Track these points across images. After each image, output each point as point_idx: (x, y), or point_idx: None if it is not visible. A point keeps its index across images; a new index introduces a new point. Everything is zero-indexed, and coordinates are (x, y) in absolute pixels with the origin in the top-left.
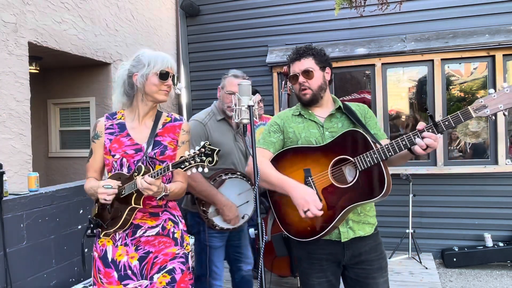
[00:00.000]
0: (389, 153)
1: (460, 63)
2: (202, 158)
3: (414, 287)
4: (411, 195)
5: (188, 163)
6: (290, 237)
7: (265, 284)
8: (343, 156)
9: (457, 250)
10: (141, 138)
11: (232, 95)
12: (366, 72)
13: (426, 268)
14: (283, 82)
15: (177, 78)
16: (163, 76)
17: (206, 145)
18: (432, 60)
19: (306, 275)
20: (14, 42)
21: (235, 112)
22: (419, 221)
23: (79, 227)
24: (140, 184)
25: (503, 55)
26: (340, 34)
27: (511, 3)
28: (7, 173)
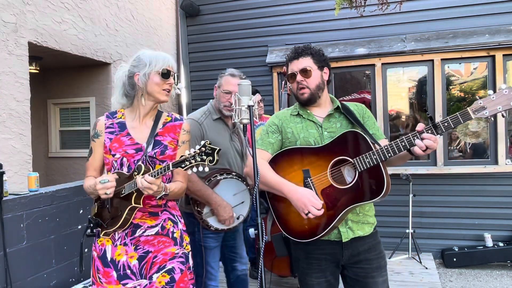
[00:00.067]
0: (389, 154)
1: (460, 63)
2: (203, 157)
3: (414, 287)
4: (411, 195)
5: (188, 162)
6: (289, 238)
7: (265, 284)
8: (342, 157)
9: (457, 250)
10: (141, 137)
11: (232, 95)
12: (366, 72)
13: (426, 268)
14: (283, 82)
15: (177, 77)
16: (165, 74)
17: (207, 144)
18: (432, 60)
19: (305, 275)
20: (14, 42)
21: (235, 112)
22: (419, 221)
23: (79, 227)
24: (140, 184)
25: (503, 55)
26: (340, 34)
27: (511, 3)
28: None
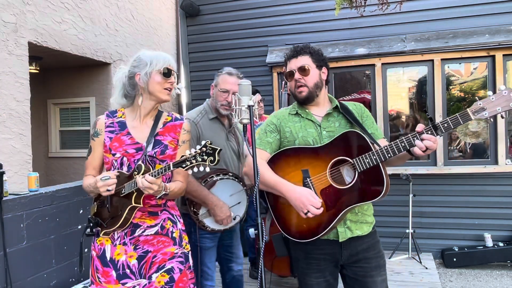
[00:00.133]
0: (388, 155)
1: (460, 63)
2: (204, 157)
3: (414, 287)
4: (411, 195)
5: (189, 162)
6: (288, 238)
7: (265, 284)
8: (341, 157)
9: (457, 250)
10: (141, 137)
11: (230, 94)
12: (366, 72)
13: (426, 268)
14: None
15: (177, 77)
16: (166, 73)
17: (208, 144)
18: (432, 60)
19: (304, 275)
20: (14, 42)
21: (235, 112)
22: (419, 221)
23: (79, 227)
24: (140, 183)
25: (503, 55)
26: (340, 34)
27: (511, 3)
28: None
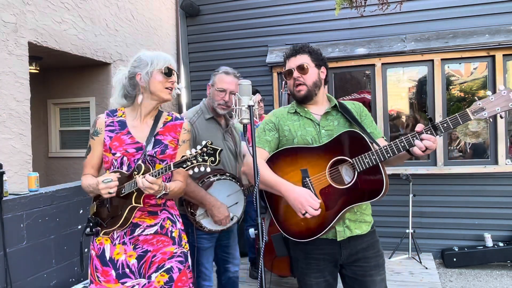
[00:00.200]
0: (388, 155)
1: (460, 63)
2: (204, 157)
3: (414, 287)
4: (411, 195)
5: (190, 163)
6: (288, 238)
7: (265, 284)
8: (341, 156)
9: (457, 250)
10: (142, 136)
11: (227, 93)
12: (366, 72)
13: (426, 268)
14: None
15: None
16: (167, 73)
17: (208, 145)
18: (432, 60)
19: (303, 276)
20: (14, 42)
21: (235, 112)
22: (419, 221)
23: (79, 227)
24: (141, 183)
25: (503, 55)
26: (340, 34)
27: (511, 3)
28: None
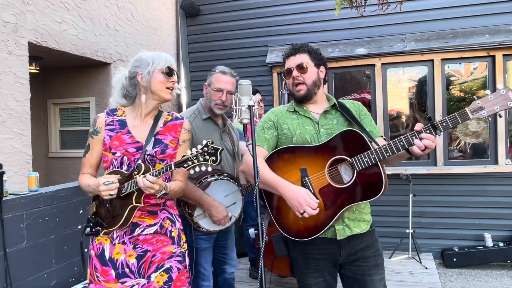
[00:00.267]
0: (387, 154)
1: (460, 63)
2: (206, 157)
3: (414, 287)
4: (411, 195)
5: (191, 162)
6: (287, 237)
7: (265, 284)
8: (340, 156)
9: (457, 250)
10: (142, 136)
11: (224, 93)
12: (366, 72)
13: (426, 268)
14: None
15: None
16: (168, 72)
17: (209, 144)
18: (432, 60)
19: (303, 276)
20: (14, 42)
21: (235, 112)
22: (419, 221)
23: (79, 227)
24: (142, 183)
25: (503, 55)
26: (340, 34)
27: (511, 3)
28: (7, 173)
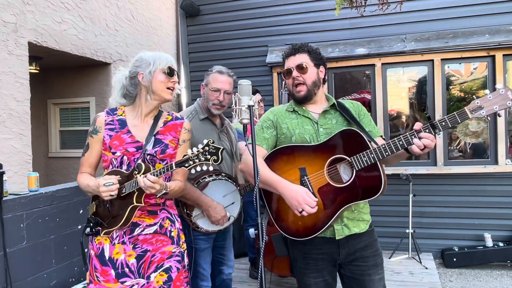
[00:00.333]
0: (386, 153)
1: (460, 63)
2: (207, 156)
3: (414, 287)
4: (411, 195)
5: (192, 162)
6: (287, 237)
7: (265, 284)
8: (339, 155)
9: (457, 250)
10: (142, 136)
11: (221, 93)
12: (366, 72)
13: (426, 268)
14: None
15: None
16: (169, 72)
17: (210, 144)
18: (432, 60)
19: (302, 276)
20: (14, 42)
21: (235, 112)
22: (419, 221)
23: (79, 227)
24: (142, 183)
25: (503, 55)
26: (340, 34)
27: (511, 3)
28: (7, 173)
